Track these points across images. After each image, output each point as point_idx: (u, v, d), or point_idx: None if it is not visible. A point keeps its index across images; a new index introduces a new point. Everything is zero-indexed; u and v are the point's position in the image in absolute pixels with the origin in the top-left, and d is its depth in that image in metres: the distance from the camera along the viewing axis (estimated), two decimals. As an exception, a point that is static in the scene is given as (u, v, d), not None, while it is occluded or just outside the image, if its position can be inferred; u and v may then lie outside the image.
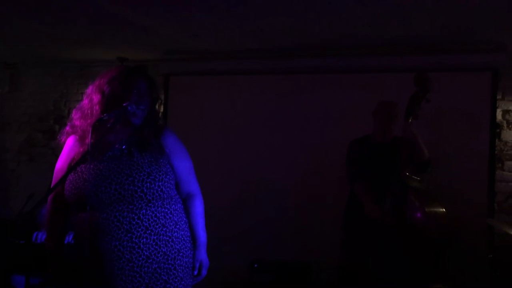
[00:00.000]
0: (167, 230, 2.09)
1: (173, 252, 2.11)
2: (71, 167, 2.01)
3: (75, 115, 2.21)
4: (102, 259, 2.01)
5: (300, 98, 4.70)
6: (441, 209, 3.27)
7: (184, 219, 2.21)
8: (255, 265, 4.30)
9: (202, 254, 2.24)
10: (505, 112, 4.42)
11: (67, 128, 2.24)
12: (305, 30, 4.02)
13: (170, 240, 2.10)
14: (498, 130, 4.40)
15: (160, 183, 2.08)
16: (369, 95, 4.18)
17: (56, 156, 5.67)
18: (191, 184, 2.27)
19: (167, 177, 2.12)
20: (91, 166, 2.06)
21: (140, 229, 2.02)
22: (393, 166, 3.33)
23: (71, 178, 2.07)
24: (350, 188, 3.69)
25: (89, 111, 2.16)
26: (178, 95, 4.99)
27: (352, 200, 3.63)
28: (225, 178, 4.73)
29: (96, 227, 2.01)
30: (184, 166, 2.23)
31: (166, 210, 2.11)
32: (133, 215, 2.02)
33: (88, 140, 2.00)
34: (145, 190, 2.03)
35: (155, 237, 2.05)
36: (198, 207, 2.27)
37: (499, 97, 4.39)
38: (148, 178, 2.05)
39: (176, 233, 2.13)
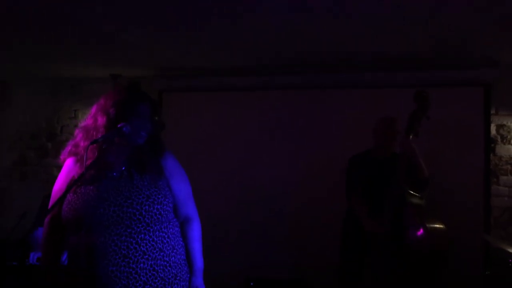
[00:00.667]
0: (164, 255, 2.06)
1: (170, 277, 2.07)
2: (68, 188, 1.98)
3: (78, 134, 2.19)
4: (97, 283, 1.96)
5: (298, 113, 4.70)
6: (441, 226, 3.26)
7: (181, 243, 2.18)
8: (251, 284, 4.25)
9: (198, 280, 2.19)
10: (499, 127, 4.44)
11: (70, 147, 2.19)
12: (303, 47, 4.02)
13: (167, 265, 2.07)
14: (492, 145, 4.41)
15: (158, 206, 2.05)
16: (364, 109, 4.22)
17: (48, 174, 5.64)
18: (189, 208, 2.23)
19: (166, 200, 2.09)
20: (90, 187, 2.03)
21: (137, 254, 1.99)
22: (392, 181, 3.33)
23: (69, 199, 2.03)
24: (348, 205, 3.68)
25: (93, 132, 2.13)
26: (171, 111, 4.95)
27: (349, 216, 3.61)
28: (220, 195, 4.70)
29: (93, 250, 1.96)
30: (182, 189, 2.20)
31: (164, 234, 2.08)
32: (131, 240, 1.98)
33: (86, 162, 1.98)
34: (143, 213, 2.00)
35: (152, 262, 2.02)
36: (195, 232, 2.23)
37: (492, 112, 4.41)
38: (147, 200, 2.02)
39: (173, 258, 2.10)
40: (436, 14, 3.08)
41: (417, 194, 3.37)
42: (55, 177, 2.27)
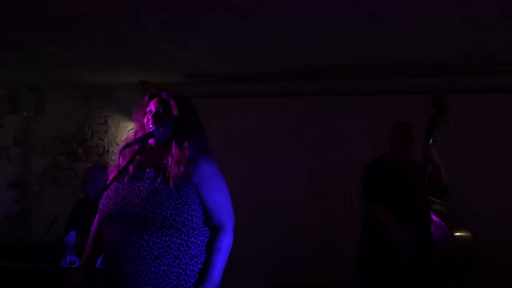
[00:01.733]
0: (181, 263, 2.01)
1: (186, 286, 2.02)
2: (103, 189, 2.02)
3: (121, 143, 2.23)
4: (113, 281, 2.00)
5: (319, 119, 4.70)
6: (467, 232, 3.19)
7: (206, 253, 2.09)
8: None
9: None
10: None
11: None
12: (323, 53, 4.02)
13: (183, 273, 2.01)
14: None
15: (173, 212, 1.99)
16: (389, 116, 4.16)
17: (78, 178, 5.74)
18: (222, 218, 2.13)
19: (185, 207, 2.02)
20: (119, 185, 2.07)
21: (149, 257, 1.97)
22: (411, 190, 3.25)
23: (104, 195, 2.09)
24: (365, 213, 3.61)
25: (126, 140, 2.21)
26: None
27: (367, 228, 3.55)
28: (239, 200, 4.68)
29: (112, 247, 2.01)
30: (214, 198, 2.11)
31: (182, 241, 2.02)
32: (143, 241, 1.97)
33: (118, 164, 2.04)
34: (154, 216, 1.97)
35: (165, 268, 1.98)
36: (222, 243, 2.11)
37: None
38: (162, 204, 1.99)
39: (191, 267, 2.04)
40: (471, 20, 3.04)
41: (440, 201, 3.28)
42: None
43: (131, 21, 3.26)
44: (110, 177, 2.21)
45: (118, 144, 2.26)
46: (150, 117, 2.12)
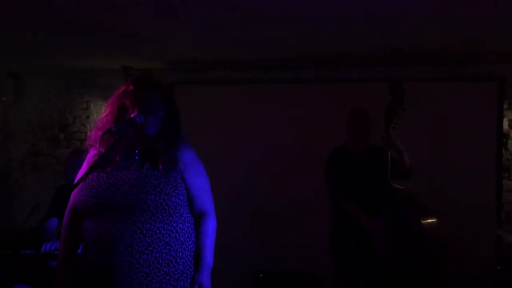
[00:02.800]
0: (171, 249, 2.03)
1: (176, 272, 2.04)
2: (82, 177, 1.99)
3: (93, 127, 2.22)
4: (102, 271, 1.97)
5: (309, 108, 4.68)
6: (435, 219, 3.15)
7: (193, 239, 2.13)
8: (260, 275, 4.28)
9: (204, 277, 2.10)
10: (512, 122, 4.41)
11: (87, 142, 2.23)
12: (304, 42, 4.01)
13: (173, 260, 2.04)
14: (504, 140, 4.38)
15: (166, 197, 2.01)
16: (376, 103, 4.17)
17: (60, 165, 5.68)
18: (205, 203, 2.18)
19: (176, 191, 2.06)
20: (102, 175, 2.04)
21: (141, 245, 1.97)
22: (375, 177, 3.24)
23: (81, 186, 2.05)
24: (333, 209, 3.49)
25: (101, 123, 2.15)
26: (182, 104, 4.96)
27: (337, 215, 3.46)
28: (221, 186, 4.69)
29: (100, 238, 1.98)
30: (197, 183, 2.15)
31: (172, 228, 2.04)
32: (136, 229, 1.97)
33: (98, 150, 1.99)
34: (148, 202, 1.97)
35: (157, 255, 1.99)
36: (209, 228, 2.16)
37: (505, 106, 4.37)
38: (154, 190, 2.00)
39: (181, 253, 2.06)
40: (453, 10, 3.05)
41: (402, 187, 3.24)
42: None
43: (113, 6, 3.21)
44: (85, 164, 2.19)
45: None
46: (146, 106, 2.07)
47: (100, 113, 5.49)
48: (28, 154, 5.76)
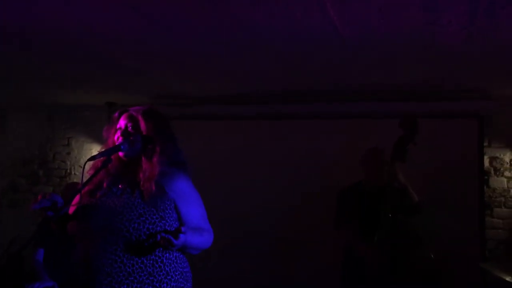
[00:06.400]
0: (155, 280, 1.96)
1: None
2: (66, 203, 1.96)
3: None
4: None
5: (290, 142, 4.71)
6: (430, 254, 3.27)
7: (179, 270, 2.07)
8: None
9: (187, 236, 1.94)
10: (492, 159, 4.47)
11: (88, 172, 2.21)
12: (291, 78, 4.06)
13: None
14: (486, 177, 4.43)
15: (150, 226, 1.97)
16: (357, 139, 4.23)
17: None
18: (201, 227, 2.14)
19: (162, 222, 2.01)
20: (91, 199, 2.02)
21: (121, 274, 1.92)
22: (382, 211, 3.32)
23: (70, 213, 2.04)
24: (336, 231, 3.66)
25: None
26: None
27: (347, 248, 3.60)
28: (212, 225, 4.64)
29: (84, 264, 1.93)
30: (192, 213, 2.12)
31: (156, 258, 1.99)
32: (116, 258, 1.92)
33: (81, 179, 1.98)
34: (131, 231, 1.93)
35: (138, 285, 1.93)
36: (204, 233, 2.11)
37: (486, 144, 4.44)
38: (138, 219, 1.96)
39: (165, 285, 1.99)
40: (431, 47, 3.13)
41: (408, 221, 3.36)
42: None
43: (99, 38, 3.20)
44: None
45: (80, 167, 2.23)
46: (119, 134, 2.11)
47: (82, 149, 5.52)
48: (7, 190, 5.63)
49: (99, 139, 4.49)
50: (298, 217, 4.52)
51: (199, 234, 2.07)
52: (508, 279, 2.90)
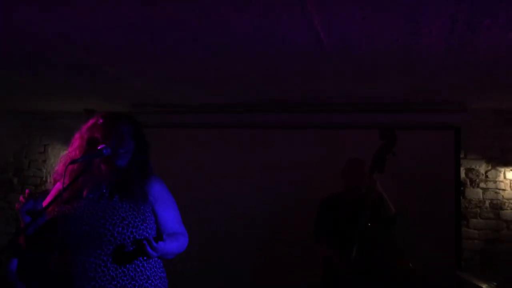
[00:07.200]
0: (136, 284, 1.97)
1: None
2: (45, 207, 1.91)
3: (61, 160, 2.17)
4: None
5: (270, 152, 4.73)
6: (409, 264, 3.30)
7: (159, 274, 2.09)
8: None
9: (160, 246, 1.94)
10: (468, 171, 4.55)
11: (53, 176, 2.19)
12: (272, 88, 4.09)
13: None
14: (462, 188, 4.50)
15: (133, 230, 1.97)
16: (333, 150, 4.27)
17: (12, 210, 5.44)
18: (176, 231, 2.17)
19: (144, 225, 2.02)
20: (68, 206, 1.98)
21: (105, 279, 1.91)
22: (360, 221, 3.34)
23: (46, 218, 1.99)
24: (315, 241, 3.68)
25: (69, 157, 2.12)
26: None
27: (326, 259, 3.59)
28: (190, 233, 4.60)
29: (64, 271, 1.89)
30: (169, 216, 2.14)
31: (138, 262, 2.00)
32: (100, 262, 1.91)
33: (63, 182, 1.94)
34: (115, 235, 1.93)
35: None
36: (179, 237, 2.12)
37: (462, 155, 4.52)
38: (122, 222, 1.96)
39: None
40: (410, 59, 3.18)
41: (386, 231, 3.40)
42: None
43: (79, 47, 3.16)
44: (50, 197, 2.12)
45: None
46: (115, 139, 2.06)
47: (59, 157, 5.43)
48: (-20, 198, 5.51)
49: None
50: (278, 227, 4.52)
51: (175, 239, 2.10)
52: (484, 287, 2.94)
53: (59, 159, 2.22)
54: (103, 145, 2.03)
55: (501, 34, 2.61)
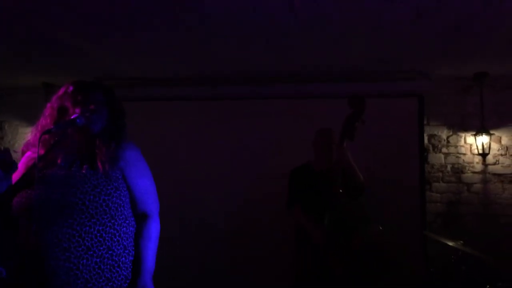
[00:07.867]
0: (114, 254, 1.92)
1: (119, 279, 1.93)
2: (19, 179, 1.84)
3: (30, 133, 2.08)
4: (38, 279, 1.82)
5: (240, 124, 4.70)
6: (379, 226, 3.38)
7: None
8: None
9: (147, 281, 1.99)
10: (431, 137, 4.68)
11: (22, 147, 2.09)
12: (243, 59, 4.05)
13: (116, 265, 1.93)
14: (425, 154, 4.63)
15: (106, 197, 1.91)
16: (306, 120, 4.28)
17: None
18: (148, 204, 2.08)
19: (117, 192, 1.95)
20: (40, 176, 1.90)
21: (80, 249, 1.85)
22: (329, 191, 3.38)
23: (20, 190, 1.90)
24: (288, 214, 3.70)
25: (40, 126, 2.03)
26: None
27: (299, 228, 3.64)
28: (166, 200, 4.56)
29: (37, 243, 1.83)
30: (140, 183, 2.06)
31: (115, 231, 1.94)
32: (74, 232, 1.84)
33: (36, 152, 1.86)
34: (87, 203, 1.86)
35: (97, 260, 1.88)
36: (151, 231, 2.06)
37: (425, 122, 4.64)
38: (93, 190, 1.89)
39: (124, 258, 1.96)
40: (379, 27, 3.21)
41: (355, 199, 3.44)
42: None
43: (34, 15, 2.99)
44: (21, 167, 2.03)
45: (15, 151, 2.07)
46: (90, 107, 1.98)
47: (16, 134, 5.23)
48: None
49: (35, 123, 4.27)
50: (250, 197, 4.54)
51: (147, 239, 2.04)
52: (451, 244, 3.06)
53: (30, 131, 2.13)
54: (76, 115, 1.95)
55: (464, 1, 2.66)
